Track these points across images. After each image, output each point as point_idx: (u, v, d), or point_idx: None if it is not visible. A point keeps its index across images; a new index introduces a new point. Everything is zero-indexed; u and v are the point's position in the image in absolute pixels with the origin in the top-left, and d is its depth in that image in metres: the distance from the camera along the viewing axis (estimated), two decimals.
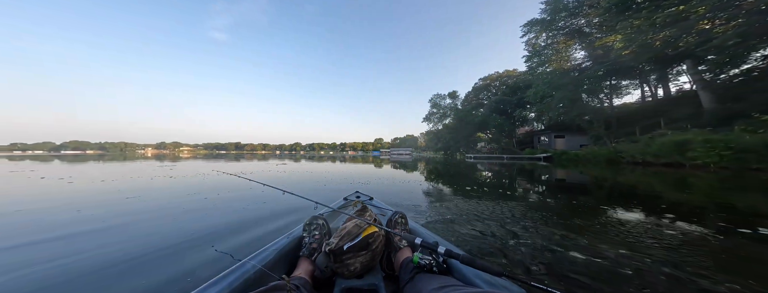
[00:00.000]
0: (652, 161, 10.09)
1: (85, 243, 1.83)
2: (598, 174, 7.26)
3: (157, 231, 2.12)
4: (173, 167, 10.05)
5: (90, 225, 2.24)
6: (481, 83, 39.13)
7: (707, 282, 1.27)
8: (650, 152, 10.24)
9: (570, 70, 18.05)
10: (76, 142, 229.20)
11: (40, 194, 3.81)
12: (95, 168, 9.39)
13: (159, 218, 2.51)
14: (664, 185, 4.97)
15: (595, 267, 1.46)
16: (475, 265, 0.64)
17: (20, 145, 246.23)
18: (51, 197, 3.60)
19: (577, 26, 17.98)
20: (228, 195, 3.71)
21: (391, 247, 1.06)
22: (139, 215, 2.62)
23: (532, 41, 20.75)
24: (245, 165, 12.20)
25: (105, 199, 3.42)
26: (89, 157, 26.95)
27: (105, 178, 6.01)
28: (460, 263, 0.67)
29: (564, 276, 1.33)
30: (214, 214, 2.64)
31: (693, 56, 10.52)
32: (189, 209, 2.83)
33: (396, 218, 1.17)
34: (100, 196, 3.67)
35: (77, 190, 4.22)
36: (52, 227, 2.21)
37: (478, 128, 29.70)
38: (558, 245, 1.78)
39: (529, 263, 1.50)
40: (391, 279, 0.97)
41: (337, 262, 0.89)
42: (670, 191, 4.36)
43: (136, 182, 5.29)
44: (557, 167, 11.23)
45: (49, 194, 3.86)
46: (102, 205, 3.05)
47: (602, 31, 16.95)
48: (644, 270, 1.40)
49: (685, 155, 8.57)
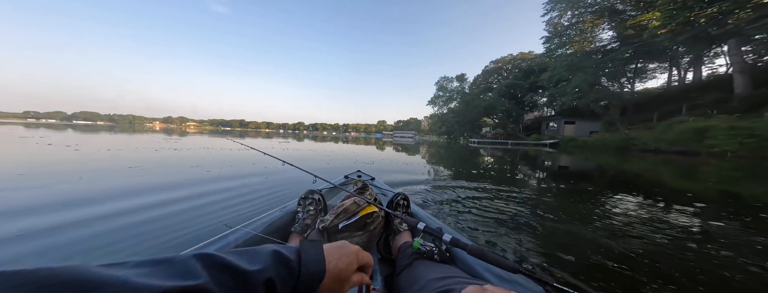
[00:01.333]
0: (664, 149, 9.81)
1: (83, 211, 1.88)
2: (603, 161, 7.11)
3: (157, 202, 2.16)
4: (179, 140, 10.22)
5: (93, 195, 2.31)
6: (492, 66, 36.85)
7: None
8: (665, 139, 9.90)
9: (592, 52, 16.58)
10: (86, 113, 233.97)
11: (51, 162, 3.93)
12: (112, 139, 9.62)
13: (160, 188, 2.56)
14: (669, 173, 4.83)
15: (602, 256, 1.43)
16: (486, 258, 0.57)
17: (33, 113, 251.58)
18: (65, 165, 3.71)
19: (609, 3, 15.96)
20: (229, 170, 3.76)
21: (390, 230, 1.02)
22: (139, 181, 2.68)
23: (554, 20, 18.82)
24: (249, 142, 12.35)
25: (110, 168, 3.51)
26: (100, 128, 27.57)
27: (120, 147, 6.16)
28: (467, 254, 0.60)
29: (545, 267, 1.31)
30: (208, 185, 2.68)
31: (740, 35, 9.42)
32: (187, 181, 2.88)
33: (398, 200, 1.11)
34: (107, 165, 3.76)
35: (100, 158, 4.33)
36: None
37: (485, 112, 28.83)
38: (550, 232, 1.76)
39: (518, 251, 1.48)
40: (388, 262, 0.93)
41: (330, 241, 0.90)
42: (683, 180, 4.24)
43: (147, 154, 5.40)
44: (562, 153, 11.04)
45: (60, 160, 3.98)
46: (107, 175, 3.13)
47: (638, 8, 15.08)
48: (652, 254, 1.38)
49: (703, 142, 8.24)
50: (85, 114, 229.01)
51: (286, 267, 0.27)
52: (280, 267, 0.27)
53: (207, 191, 2.47)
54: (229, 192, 2.44)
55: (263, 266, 0.25)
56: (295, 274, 0.28)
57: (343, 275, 0.32)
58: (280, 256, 0.28)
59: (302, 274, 0.28)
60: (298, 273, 0.28)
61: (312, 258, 0.30)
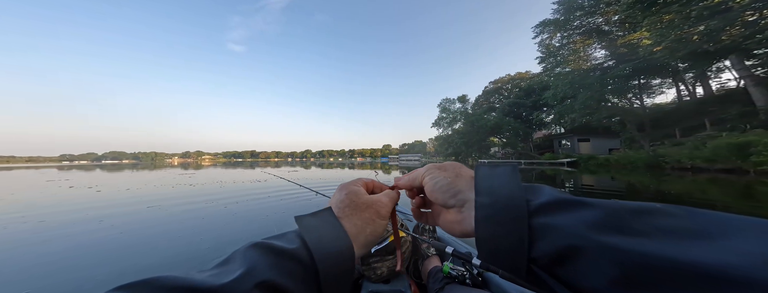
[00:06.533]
0: (705, 167, 8.94)
1: (102, 240, 1.81)
2: (636, 181, 6.51)
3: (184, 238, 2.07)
4: (194, 175, 10.50)
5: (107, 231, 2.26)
6: (492, 87, 38.20)
7: None
8: (701, 156, 9.08)
9: (590, 70, 17.03)
10: (114, 152, 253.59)
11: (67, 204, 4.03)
12: (135, 177, 10.04)
13: (179, 227, 2.49)
14: (726, 195, 4.29)
15: None
16: (521, 282, 0.49)
17: (68, 156, 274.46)
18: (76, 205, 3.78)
19: (594, 25, 17.14)
20: (246, 204, 3.69)
21: (419, 254, 1.04)
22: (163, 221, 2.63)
23: (545, 42, 20.01)
24: (254, 174, 12.50)
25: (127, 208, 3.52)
26: (125, 166, 29.21)
27: (131, 187, 6.34)
28: (500, 278, 0.55)
29: None
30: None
31: (739, 50, 9.46)
32: (207, 215, 2.81)
33: (424, 225, 1.13)
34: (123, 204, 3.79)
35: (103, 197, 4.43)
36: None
37: (491, 132, 28.69)
38: None
39: None
40: (419, 287, 0.96)
41: (364, 265, 0.91)
42: (738, 202, 3.73)
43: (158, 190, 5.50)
44: (584, 172, 10.34)
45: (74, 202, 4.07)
46: (124, 218, 3.12)
47: (624, 28, 16.01)
48: None
49: (749, 159, 7.47)
50: (113, 154, 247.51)
51: (291, 260, 0.20)
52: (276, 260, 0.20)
53: (228, 225, 2.38)
54: (255, 224, 2.32)
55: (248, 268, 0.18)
56: (308, 264, 0.21)
57: (372, 223, 0.26)
58: (271, 250, 0.20)
59: (318, 261, 0.21)
60: (312, 260, 0.21)
61: (320, 235, 0.23)
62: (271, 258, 0.20)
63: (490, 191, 0.22)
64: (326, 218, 0.25)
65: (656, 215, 0.17)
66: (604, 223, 0.17)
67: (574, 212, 0.18)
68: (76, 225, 2.67)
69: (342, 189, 0.29)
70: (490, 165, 0.26)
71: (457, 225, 0.25)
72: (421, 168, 0.30)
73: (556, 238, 0.18)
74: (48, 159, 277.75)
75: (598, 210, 0.18)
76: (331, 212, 0.26)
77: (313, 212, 0.26)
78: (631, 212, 0.17)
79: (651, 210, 0.17)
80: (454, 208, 0.25)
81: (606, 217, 0.17)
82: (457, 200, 0.25)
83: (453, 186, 0.26)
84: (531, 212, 0.20)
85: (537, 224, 0.19)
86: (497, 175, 0.24)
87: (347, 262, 0.22)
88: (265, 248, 0.21)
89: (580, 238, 0.17)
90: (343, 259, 0.22)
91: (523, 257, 0.19)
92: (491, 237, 0.21)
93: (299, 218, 0.25)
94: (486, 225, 0.21)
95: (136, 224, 2.69)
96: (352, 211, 0.26)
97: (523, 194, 0.21)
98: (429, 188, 0.27)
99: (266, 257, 0.20)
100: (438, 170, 0.28)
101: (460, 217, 0.25)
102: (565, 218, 0.18)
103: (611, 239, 0.16)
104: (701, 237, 0.15)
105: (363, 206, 0.27)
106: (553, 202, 0.20)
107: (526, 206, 0.20)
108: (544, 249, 0.18)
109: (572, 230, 0.17)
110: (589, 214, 0.18)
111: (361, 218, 0.26)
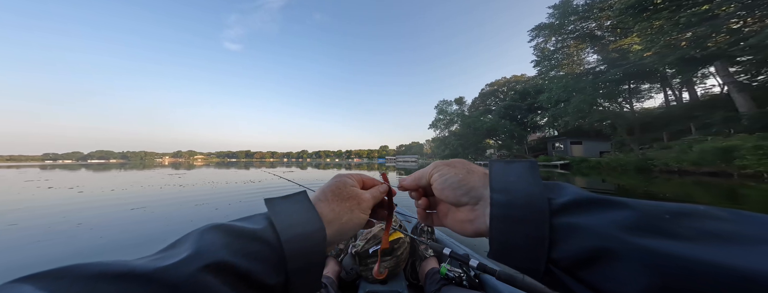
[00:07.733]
0: (692, 170, 9.25)
1: None
2: (626, 183, 6.63)
3: None
4: (185, 174, 10.21)
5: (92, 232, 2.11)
6: (488, 89, 38.73)
7: None
8: (687, 160, 9.39)
9: (583, 73, 17.45)
10: (101, 151, 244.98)
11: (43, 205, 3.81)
12: (121, 178, 9.68)
13: (164, 231, 2.35)
14: (710, 196, 4.39)
15: None
16: (516, 283, 0.55)
17: (52, 155, 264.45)
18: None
19: (588, 30, 17.59)
20: (239, 205, 3.56)
21: (416, 256, 1.03)
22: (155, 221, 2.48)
23: (540, 45, 20.44)
24: (249, 174, 12.25)
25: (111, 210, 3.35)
26: (112, 166, 28.23)
27: (116, 188, 6.09)
28: (496, 279, 0.59)
29: None
30: None
31: (724, 57, 9.83)
32: (193, 221, 2.68)
33: (422, 227, 1.14)
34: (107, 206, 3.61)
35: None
36: None
37: (487, 134, 29.03)
38: None
39: None
40: (416, 288, 0.96)
41: (361, 265, 0.91)
42: (720, 202, 3.81)
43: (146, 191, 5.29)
44: (576, 175, 10.51)
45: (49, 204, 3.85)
46: (105, 220, 2.96)
47: (616, 34, 16.48)
48: None
49: (733, 163, 7.77)
50: (100, 153, 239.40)
51: (253, 241, 0.19)
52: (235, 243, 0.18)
53: None
54: None
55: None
56: (275, 247, 0.20)
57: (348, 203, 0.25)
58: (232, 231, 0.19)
59: (284, 242, 0.20)
60: (279, 243, 0.20)
61: (290, 219, 0.22)
62: (228, 239, 0.18)
63: (507, 188, 0.21)
64: (299, 200, 0.24)
65: (699, 217, 0.15)
66: (639, 225, 0.15)
67: (603, 213, 0.17)
68: (52, 228, 2.50)
69: (334, 177, 0.29)
70: (506, 161, 0.24)
71: (468, 224, 0.24)
72: (427, 167, 0.28)
73: (583, 239, 0.17)
74: (30, 158, 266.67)
75: (631, 211, 0.16)
76: (305, 195, 0.25)
77: (285, 196, 0.25)
78: (671, 213, 0.16)
79: (693, 212, 0.15)
80: (467, 206, 0.24)
81: (642, 218, 0.16)
82: (470, 197, 0.23)
83: (465, 183, 0.24)
84: (553, 211, 0.18)
85: (560, 223, 0.18)
86: (514, 171, 0.22)
87: (318, 245, 0.21)
88: (223, 229, 0.19)
89: (611, 240, 0.15)
90: (314, 242, 0.21)
91: (542, 257, 0.18)
92: (507, 236, 0.20)
93: (269, 200, 0.24)
94: (502, 223, 0.20)
95: (118, 227, 2.54)
96: (334, 197, 0.26)
97: (543, 191, 0.20)
98: (438, 185, 0.26)
99: (224, 238, 0.18)
100: (446, 166, 0.26)
101: (473, 215, 0.23)
102: (593, 219, 0.17)
103: (648, 242, 0.15)
104: (752, 242, 0.13)
105: (346, 195, 0.26)
106: (579, 201, 0.18)
107: (548, 204, 0.19)
108: (568, 250, 0.17)
109: (602, 231, 0.16)
110: (622, 214, 0.16)
111: (341, 205, 0.25)
